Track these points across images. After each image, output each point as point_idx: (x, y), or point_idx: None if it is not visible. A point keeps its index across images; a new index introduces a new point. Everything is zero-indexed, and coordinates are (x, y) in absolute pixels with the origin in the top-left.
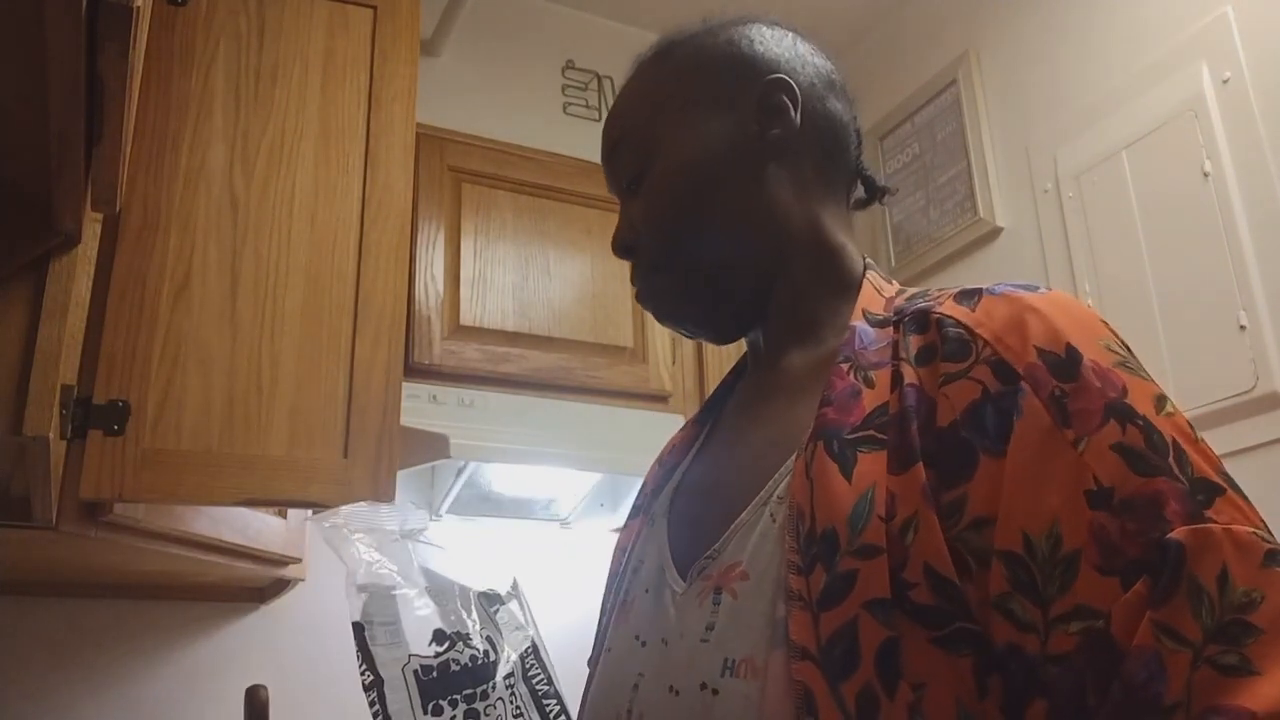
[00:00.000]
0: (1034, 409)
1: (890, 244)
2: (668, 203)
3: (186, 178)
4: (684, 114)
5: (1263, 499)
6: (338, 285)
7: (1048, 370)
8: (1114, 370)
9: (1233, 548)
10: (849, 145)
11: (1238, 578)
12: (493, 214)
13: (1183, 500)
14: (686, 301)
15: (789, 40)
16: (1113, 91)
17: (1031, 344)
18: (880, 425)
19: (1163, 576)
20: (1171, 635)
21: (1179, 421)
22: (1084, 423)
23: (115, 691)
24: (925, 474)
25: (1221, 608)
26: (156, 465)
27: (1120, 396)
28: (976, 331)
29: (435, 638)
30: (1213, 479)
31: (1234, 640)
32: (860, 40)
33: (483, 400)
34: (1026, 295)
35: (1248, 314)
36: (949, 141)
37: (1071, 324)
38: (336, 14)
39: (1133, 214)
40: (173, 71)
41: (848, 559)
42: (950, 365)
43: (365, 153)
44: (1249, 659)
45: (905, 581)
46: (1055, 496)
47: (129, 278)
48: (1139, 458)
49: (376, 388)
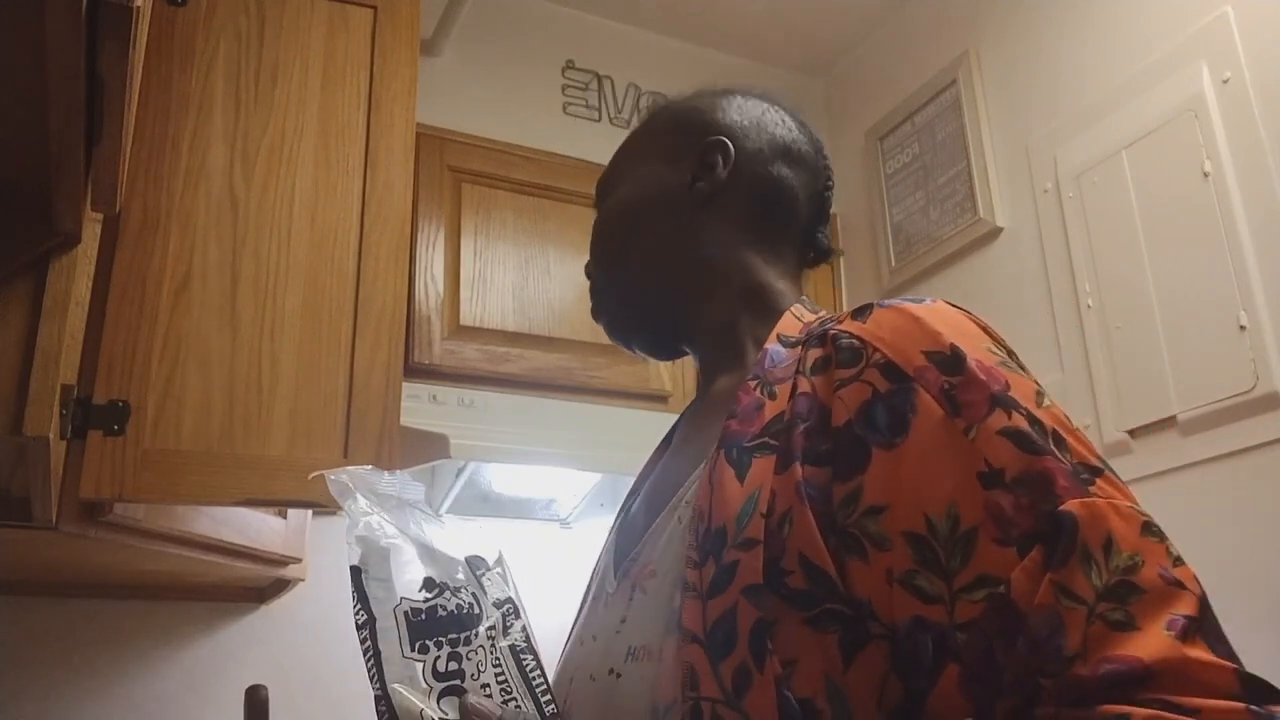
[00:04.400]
0: (927, 404)
1: (890, 244)
2: (603, 233)
3: (186, 178)
4: (640, 161)
5: (1263, 499)
6: (338, 285)
7: (936, 369)
8: (996, 368)
9: (1117, 518)
10: (792, 207)
11: (1122, 544)
12: (493, 214)
13: (1069, 477)
14: (620, 321)
15: (758, 111)
16: (1113, 91)
17: (919, 348)
18: (774, 433)
19: (1059, 544)
20: (1069, 595)
21: (1056, 413)
22: (973, 412)
23: (115, 691)
24: (804, 472)
25: (1109, 570)
26: (156, 465)
27: (1004, 389)
28: (867, 340)
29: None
30: (1091, 461)
31: (1121, 599)
32: (860, 40)
33: (483, 400)
34: (912, 305)
35: (1248, 314)
36: (949, 141)
37: (952, 329)
38: (336, 14)
39: (1133, 214)
40: (173, 71)
41: (732, 551)
42: (843, 371)
43: (365, 153)
44: (1133, 615)
45: (783, 569)
46: (950, 480)
47: (129, 277)
48: (1025, 439)
49: (376, 388)
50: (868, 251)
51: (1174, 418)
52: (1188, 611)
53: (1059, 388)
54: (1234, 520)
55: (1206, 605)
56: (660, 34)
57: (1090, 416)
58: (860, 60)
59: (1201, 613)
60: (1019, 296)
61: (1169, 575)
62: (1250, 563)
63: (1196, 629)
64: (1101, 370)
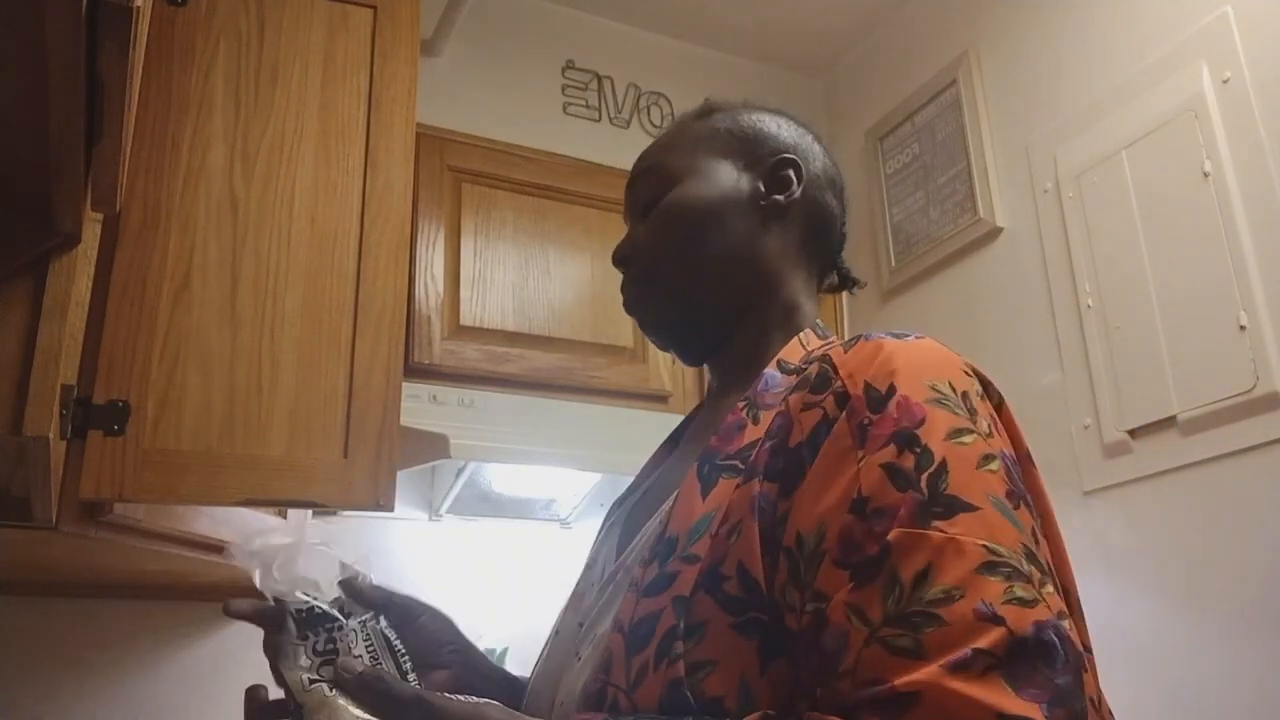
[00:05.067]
0: (841, 431)
1: (890, 244)
2: (671, 227)
3: (186, 178)
4: (706, 161)
5: (1263, 499)
6: (338, 285)
7: (865, 402)
8: (922, 405)
9: (948, 553)
10: (832, 236)
11: (941, 577)
12: (493, 214)
13: (914, 510)
14: (664, 317)
15: (808, 138)
16: (1113, 91)
17: (864, 379)
18: (744, 456)
19: (870, 570)
20: (859, 616)
21: (967, 451)
22: (872, 445)
23: (115, 691)
24: (761, 487)
25: (911, 599)
26: (156, 465)
27: (912, 426)
28: (839, 369)
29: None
30: (964, 498)
31: (914, 627)
32: (860, 40)
33: (483, 400)
34: (889, 340)
35: (1248, 314)
36: (949, 141)
37: (908, 366)
38: (336, 14)
39: (1133, 214)
40: (173, 71)
41: (676, 562)
42: (812, 396)
43: (365, 153)
44: (922, 644)
45: (721, 575)
46: (829, 503)
47: (129, 278)
48: (900, 475)
49: (376, 388)
50: (868, 252)
51: (1174, 418)
52: (986, 646)
53: (1059, 388)
54: (1234, 520)
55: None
56: (660, 34)
57: (1090, 416)
58: (860, 60)
59: (1011, 652)
60: (1019, 296)
61: (987, 611)
62: (1250, 562)
63: (992, 666)
64: (1101, 370)
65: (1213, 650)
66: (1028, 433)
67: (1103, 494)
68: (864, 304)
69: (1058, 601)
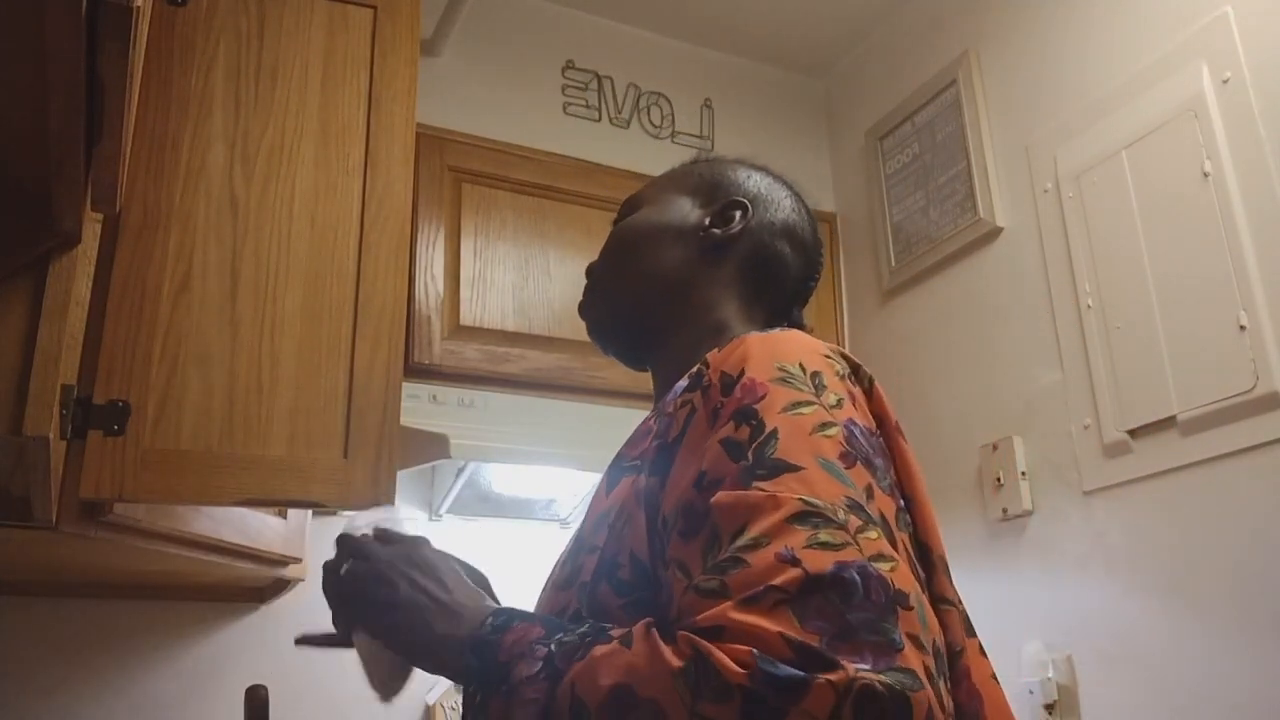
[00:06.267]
0: (699, 418)
1: (890, 244)
2: (619, 244)
3: (186, 178)
4: (669, 195)
5: (1263, 499)
6: (338, 285)
7: (719, 388)
8: (765, 384)
9: (763, 506)
10: (780, 279)
11: (753, 529)
12: (493, 214)
13: (737, 476)
14: (604, 322)
15: (781, 192)
16: (1113, 91)
17: (723, 369)
18: (643, 453)
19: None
20: (682, 569)
21: (802, 420)
22: (719, 424)
23: (115, 691)
24: (645, 481)
25: (728, 549)
26: (156, 465)
27: (751, 402)
28: (712, 366)
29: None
30: (790, 460)
31: (722, 571)
32: (860, 40)
33: (483, 400)
34: (752, 336)
35: (1248, 314)
36: (949, 141)
37: (760, 352)
38: (336, 14)
39: (1133, 214)
40: (173, 71)
41: (581, 555)
42: (688, 394)
43: (365, 153)
44: (727, 585)
45: (617, 563)
46: (684, 483)
47: (129, 278)
48: (735, 447)
49: (376, 388)
50: (868, 252)
51: (1174, 418)
52: (778, 583)
53: (1059, 388)
54: (1234, 520)
55: (825, 585)
56: (660, 34)
57: (1090, 416)
58: (860, 60)
59: (805, 589)
60: (1019, 296)
61: (787, 554)
62: (1250, 563)
63: (781, 601)
64: (1101, 370)
65: (1212, 650)
66: (1028, 432)
67: (1103, 494)
68: (864, 304)
69: (877, 546)
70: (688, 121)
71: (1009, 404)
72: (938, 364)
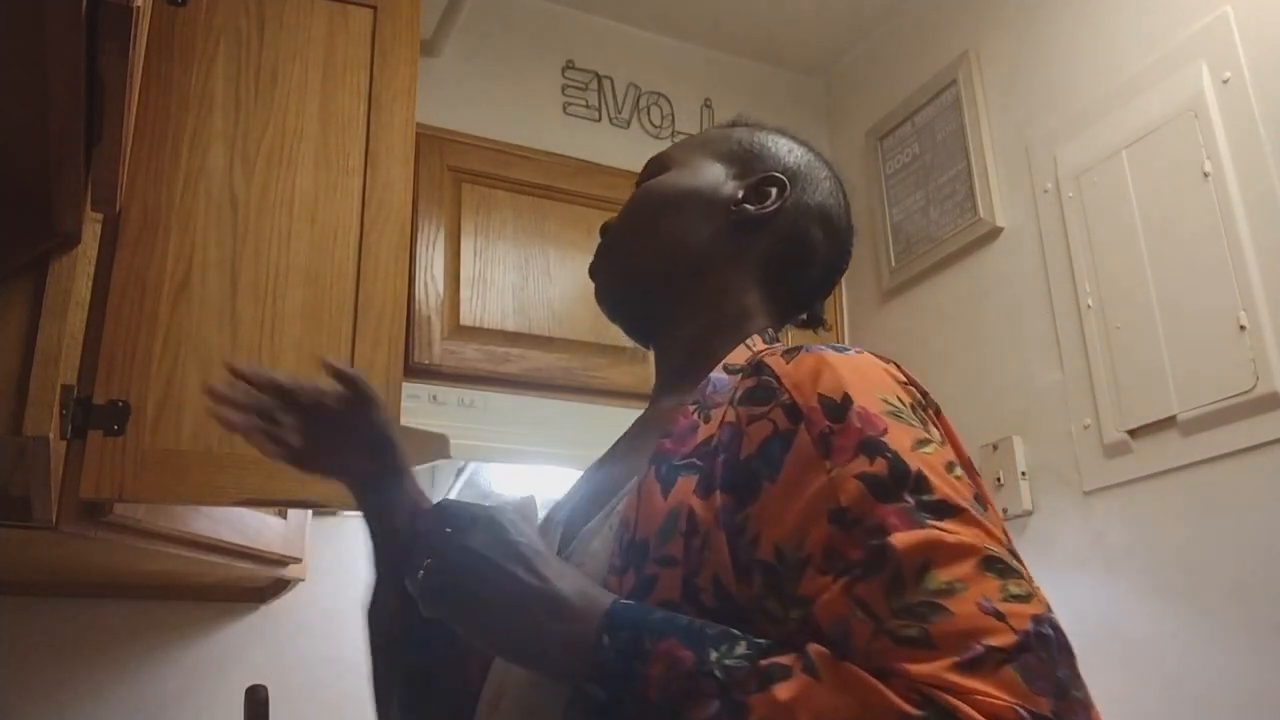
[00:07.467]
0: (804, 443)
1: (890, 244)
2: (642, 205)
3: (186, 178)
4: (702, 160)
5: (1263, 499)
6: (338, 285)
7: (822, 413)
8: (880, 416)
9: (942, 549)
10: (806, 267)
11: (940, 571)
12: (493, 214)
13: (904, 516)
14: (614, 286)
15: (821, 171)
16: (1113, 91)
17: (816, 391)
18: (702, 455)
19: (871, 568)
20: (864, 608)
21: (932, 459)
22: (840, 455)
23: (115, 691)
24: (721, 499)
25: (915, 593)
26: (156, 465)
27: (877, 435)
28: (782, 380)
29: None
30: (952, 501)
31: (920, 618)
32: (860, 40)
33: (483, 400)
34: (829, 354)
35: (1248, 314)
36: (949, 141)
37: (856, 378)
38: (336, 14)
39: (1133, 214)
40: (173, 71)
41: (652, 565)
42: (757, 408)
43: (365, 153)
44: (931, 635)
45: (697, 586)
46: (804, 514)
47: (129, 278)
48: (879, 484)
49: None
50: (868, 252)
51: (1174, 418)
52: (995, 643)
53: (1059, 388)
54: (1234, 520)
55: (1034, 643)
56: (660, 34)
57: (1090, 416)
58: (860, 60)
59: (1019, 647)
60: (1019, 296)
61: (989, 607)
62: (1249, 563)
63: (1002, 660)
64: (1101, 370)
65: (1211, 650)
66: (1028, 432)
67: (1103, 494)
68: (864, 304)
69: (1044, 597)
70: (688, 121)
71: (1009, 404)
72: (937, 364)
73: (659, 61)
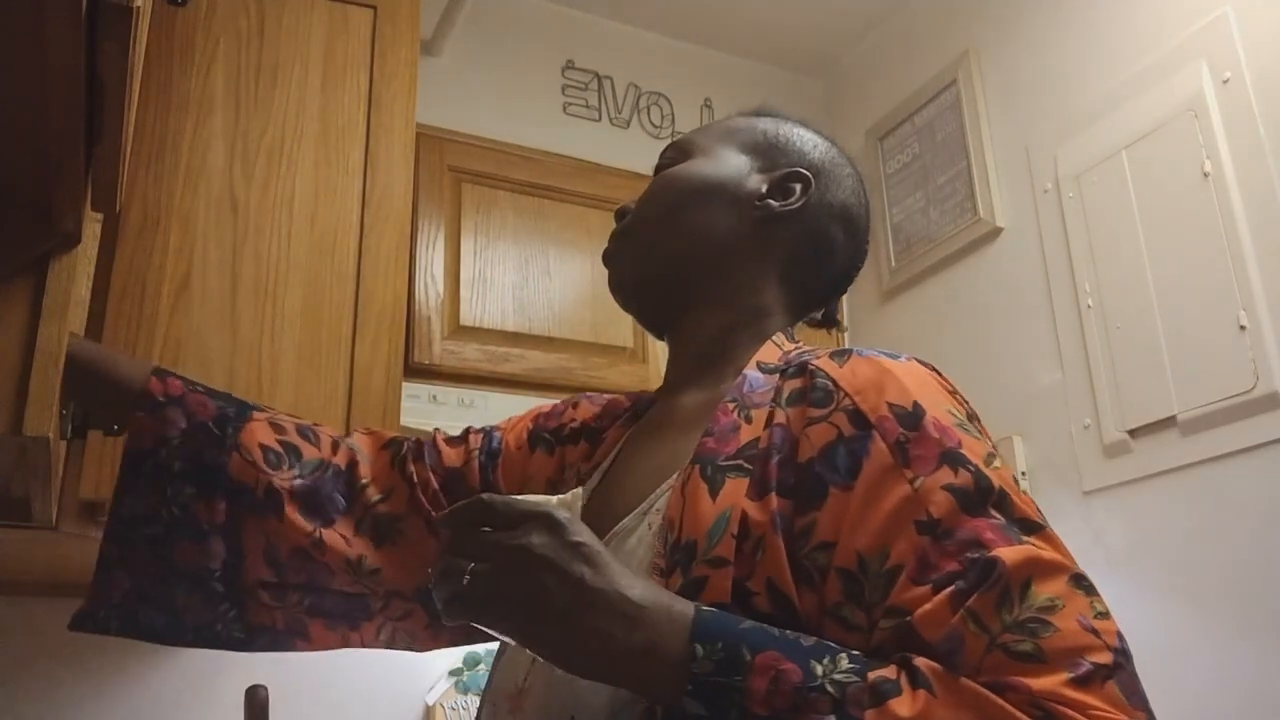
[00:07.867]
0: (880, 451)
1: (890, 244)
2: (663, 193)
3: (186, 178)
4: (726, 149)
5: (1263, 499)
6: (338, 285)
7: (896, 421)
8: (951, 428)
9: (1042, 565)
10: (825, 264)
11: (1042, 589)
12: (493, 214)
13: (999, 531)
14: (629, 273)
15: (844, 169)
16: (1113, 91)
17: (884, 399)
18: (749, 456)
19: (978, 583)
20: (977, 622)
21: (1004, 474)
22: (921, 465)
23: (115, 691)
24: (778, 503)
25: (1023, 608)
26: None
27: (955, 447)
28: (840, 384)
29: None
30: (1033, 518)
31: (1031, 633)
32: (860, 40)
33: (483, 400)
34: (886, 360)
35: (1248, 314)
36: (949, 141)
37: (920, 387)
38: (336, 14)
39: (1133, 214)
40: (173, 71)
41: (701, 567)
42: (815, 410)
43: (365, 153)
44: (1042, 649)
45: (749, 590)
46: (888, 523)
47: (129, 277)
48: (966, 497)
49: (376, 388)
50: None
51: (1174, 418)
52: (1098, 660)
53: (1059, 388)
54: (1234, 520)
55: (1124, 660)
56: (660, 34)
57: (1090, 416)
58: (860, 60)
59: (1116, 664)
60: (1019, 296)
61: (1087, 624)
62: (1249, 563)
63: (1107, 676)
64: (1101, 370)
65: (1212, 650)
66: (1028, 432)
67: (1103, 494)
68: (864, 304)
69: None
70: (688, 121)
71: (1009, 404)
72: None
73: (659, 61)
